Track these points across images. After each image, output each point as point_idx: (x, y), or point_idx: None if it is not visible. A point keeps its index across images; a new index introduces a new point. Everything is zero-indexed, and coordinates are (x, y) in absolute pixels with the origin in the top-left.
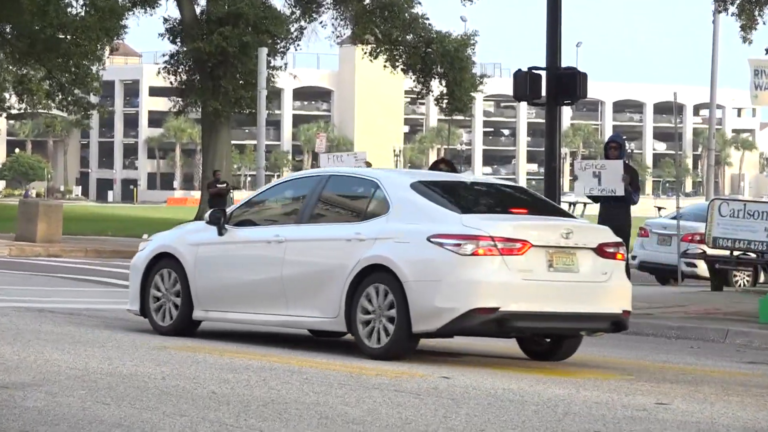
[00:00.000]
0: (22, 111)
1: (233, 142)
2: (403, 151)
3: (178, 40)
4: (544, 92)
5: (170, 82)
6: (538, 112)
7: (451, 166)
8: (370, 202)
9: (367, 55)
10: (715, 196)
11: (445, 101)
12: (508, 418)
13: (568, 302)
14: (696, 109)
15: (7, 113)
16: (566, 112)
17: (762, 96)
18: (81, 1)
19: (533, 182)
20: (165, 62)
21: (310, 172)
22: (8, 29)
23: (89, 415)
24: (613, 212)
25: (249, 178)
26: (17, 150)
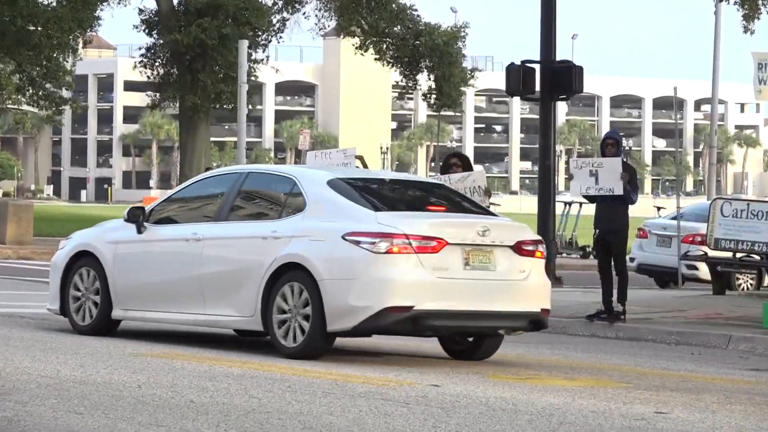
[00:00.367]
0: None
1: (212, 138)
2: (390, 148)
3: (155, 32)
4: (538, 87)
5: (146, 76)
6: (532, 107)
7: (465, 161)
8: (288, 199)
9: (357, 48)
10: (717, 195)
11: (433, 97)
12: (501, 428)
13: (484, 300)
14: (697, 105)
15: None
16: (561, 107)
17: (766, 90)
18: None
19: (527, 180)
20: (141, 55)
21: (230, 168)
22: None
23: (61, 425)
24: (611, 212)
25: None
26: None
